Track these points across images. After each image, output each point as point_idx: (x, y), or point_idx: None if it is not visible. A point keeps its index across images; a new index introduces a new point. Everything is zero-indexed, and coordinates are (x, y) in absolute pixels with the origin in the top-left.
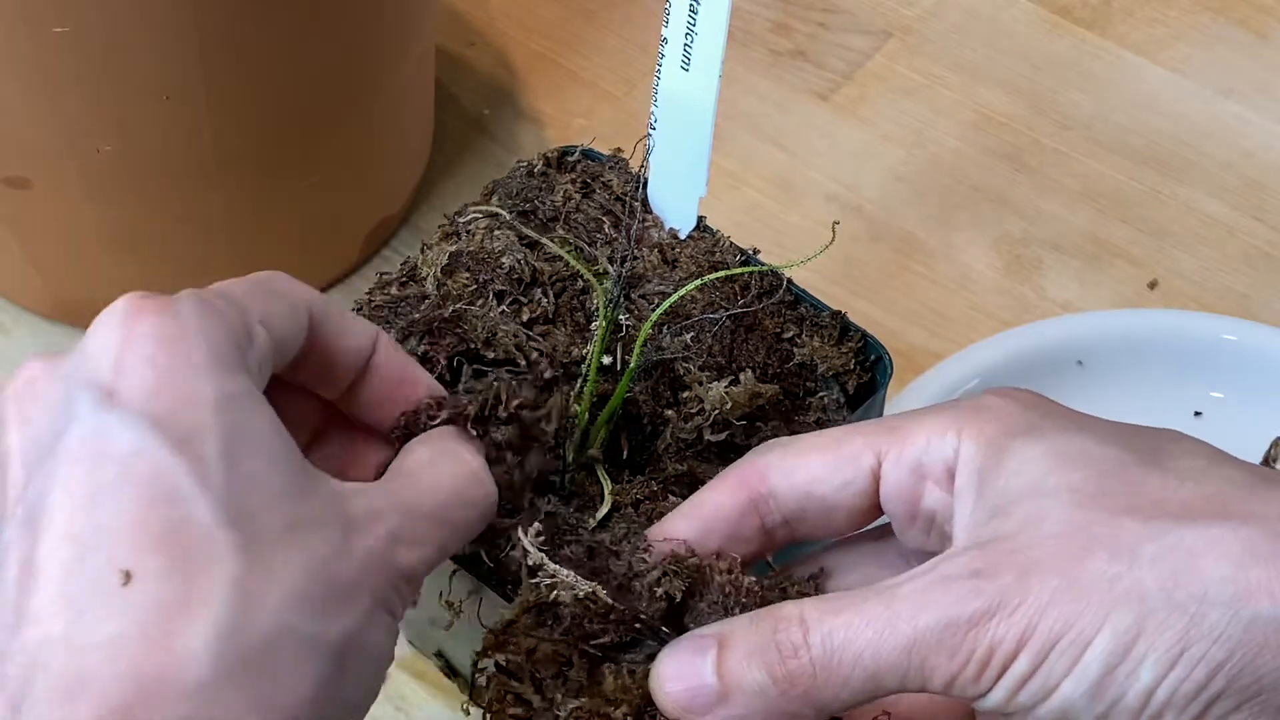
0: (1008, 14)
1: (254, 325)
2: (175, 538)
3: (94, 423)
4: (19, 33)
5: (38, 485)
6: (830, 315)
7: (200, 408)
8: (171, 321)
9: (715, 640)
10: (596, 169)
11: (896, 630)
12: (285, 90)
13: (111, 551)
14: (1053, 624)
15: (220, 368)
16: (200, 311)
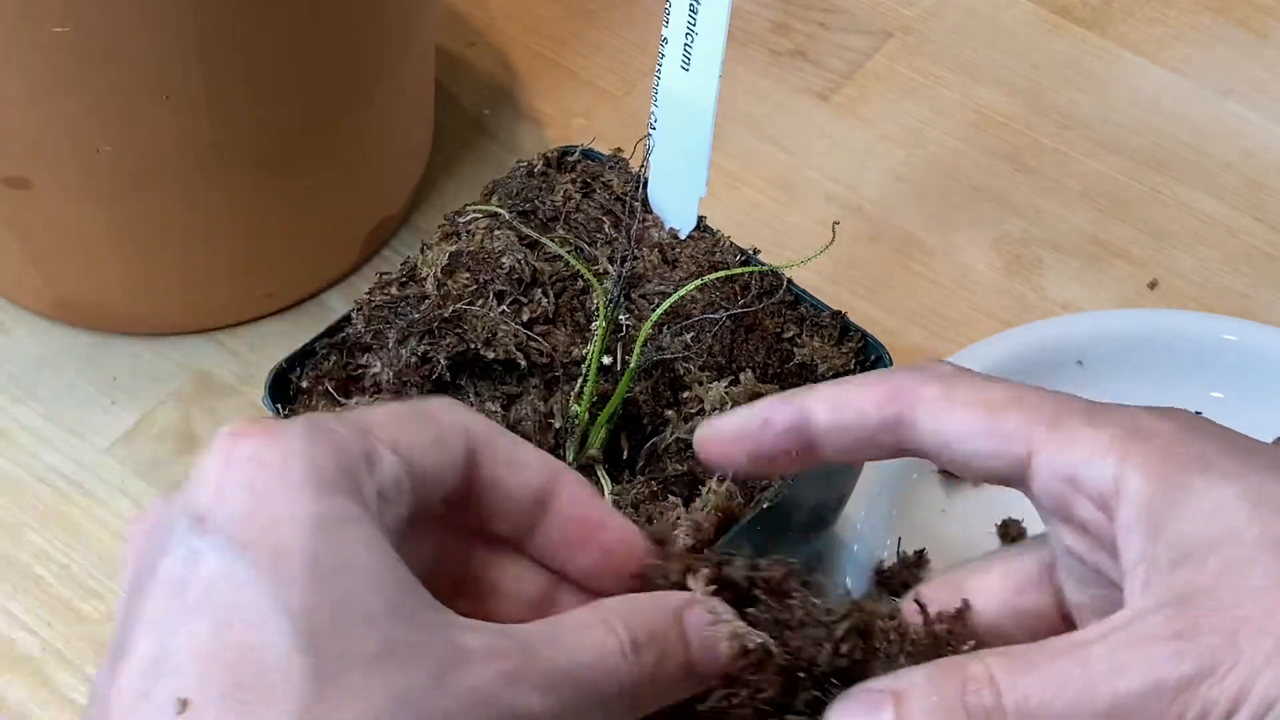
0: (1008, 14)
1: (377, 450)
2: (244, 663)
3: (185, 549)
4: (19, 33)
5: (130, 616)
6: (830, 315)
7: (291, 529)
8: (273, 444)
9: (891, 697)
10: (596, 169)
11: (1096, 694)
12: (285, 90)
13: (177, 679)
14: (1267, 687)
15: (320, 490)
16: (307, 434)
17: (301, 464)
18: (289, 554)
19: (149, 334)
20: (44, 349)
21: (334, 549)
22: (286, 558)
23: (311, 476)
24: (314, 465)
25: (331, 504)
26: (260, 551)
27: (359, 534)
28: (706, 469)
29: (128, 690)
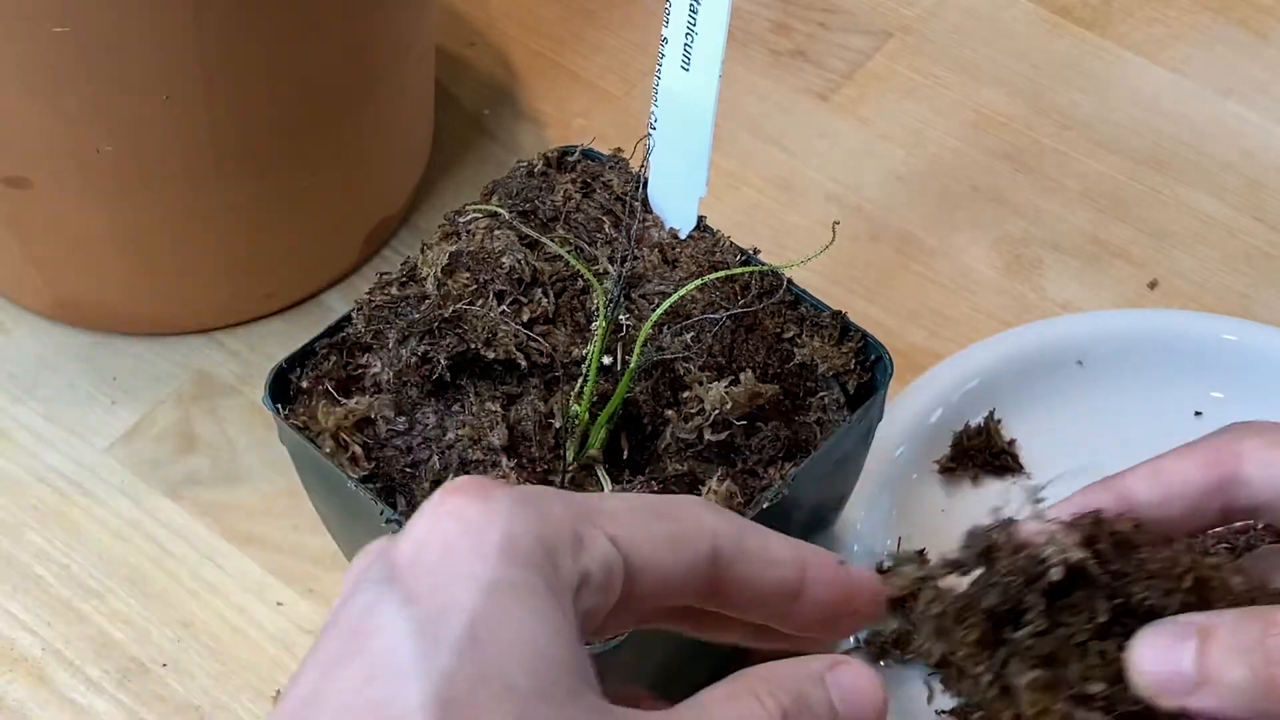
0: (1008, 14)
1: (592, 535)
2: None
3: (371, 595)
4: (19, 33)
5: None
6: (830, 315)
7: (463, 589)
8: (477, 505)
9: (1197, 630)
10: (596, 169)
11: None
12: (285, 90)
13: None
14: None
15: (507, 557)
16: (516, 501)
17: (500, 528)
18: (451, 613)
19: (149, 334)
20: (44, 349)
21: (498, 615)
22: (447, 616)
23: (506, 543)
24: (512, 532)
25: (513, 572)
26: (424, 607)
27: (532, 604)
28: (707, 471)
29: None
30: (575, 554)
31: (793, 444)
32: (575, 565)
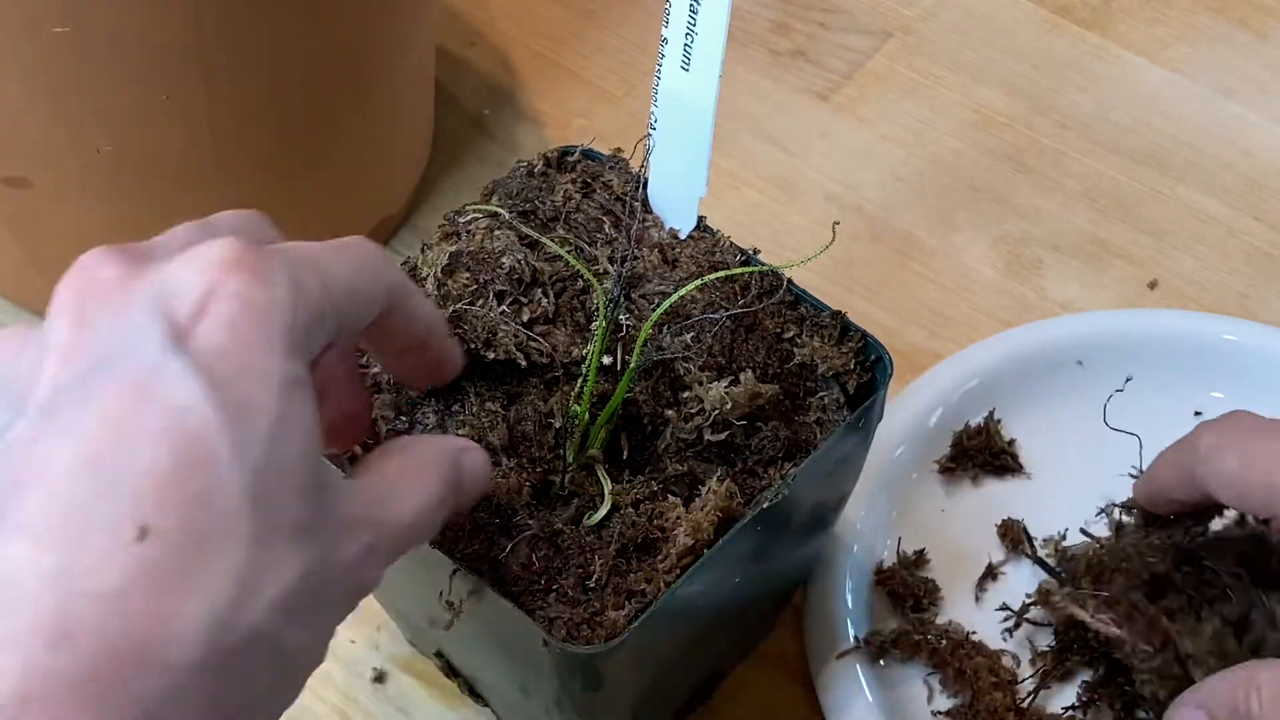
0: (1008, 14)
1: (329, 310)
2: (199, 509)
3: (155, 359)
4: (19, 33)
5: (73, 394)
6: (830, 315)
7: (261, 385)
8: (262, 288)
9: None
10: (596, 169)
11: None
12: (285, 90)
13: (134, 501)
14: None
15: (292, 350)
16: (292, 287)
17: (282, 318)
18: (256, 409)
19: None
20: None
21: (289, 415)
22: (253, 413)
23: (287, 334)
24: (293, 322)
25: (297, 366)
26: (230, 398)
27: (307, 400)
28: (707, 471)
29: (69, 482)
30: (321, 330)
31: (793, 444)
32: (319, 341)
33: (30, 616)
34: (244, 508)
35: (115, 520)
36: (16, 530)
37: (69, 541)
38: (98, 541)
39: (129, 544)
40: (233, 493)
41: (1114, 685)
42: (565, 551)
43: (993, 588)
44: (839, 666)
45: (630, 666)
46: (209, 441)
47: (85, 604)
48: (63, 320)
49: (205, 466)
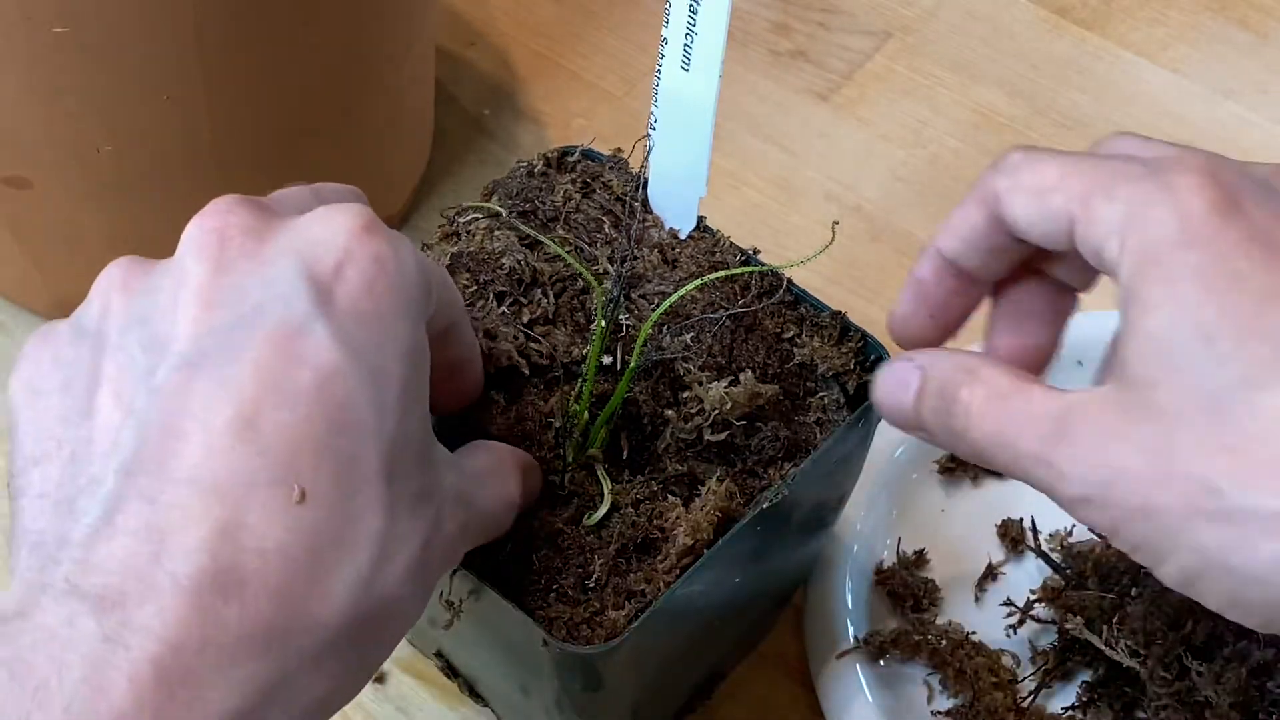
0: (1007, 14)
1: (434, 287)
2: (348, 474)
3: (303, 317)
4: (19, 33)
5: (221, 343)
6: (830, 315)
7: (394, 352)
8: (394, 256)
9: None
10: (596, 169)
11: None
12: (285, 90)
13: (293, 461)
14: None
15: (417, 317)
16: (417, 257)
17: (414, 284)
18: (390, 377)
19: None
20: None
21: (414, 382)
22: (387, 380)
23: (416, 302)
24: (419, 290)
25: (420, 336)
26: (369, 364)
27: (426, 370)
28: (707, 471)
29: (226, 435)
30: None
31: (792, 444)
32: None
33: (203, 563)
34: (381, 476)
35: (278, 479)
36: (182, 480)
37: (236, 496)
38: (262, 498)
39: (291, 505)
40: (373, 459)
41: (1114, 685)
42: (565, 551)
43: (993, 588)
44: (839, 666)
45: (630, 666)
46: (355, 408)
47: (255, 559)
48: (201, 262)
49: (352, 433)
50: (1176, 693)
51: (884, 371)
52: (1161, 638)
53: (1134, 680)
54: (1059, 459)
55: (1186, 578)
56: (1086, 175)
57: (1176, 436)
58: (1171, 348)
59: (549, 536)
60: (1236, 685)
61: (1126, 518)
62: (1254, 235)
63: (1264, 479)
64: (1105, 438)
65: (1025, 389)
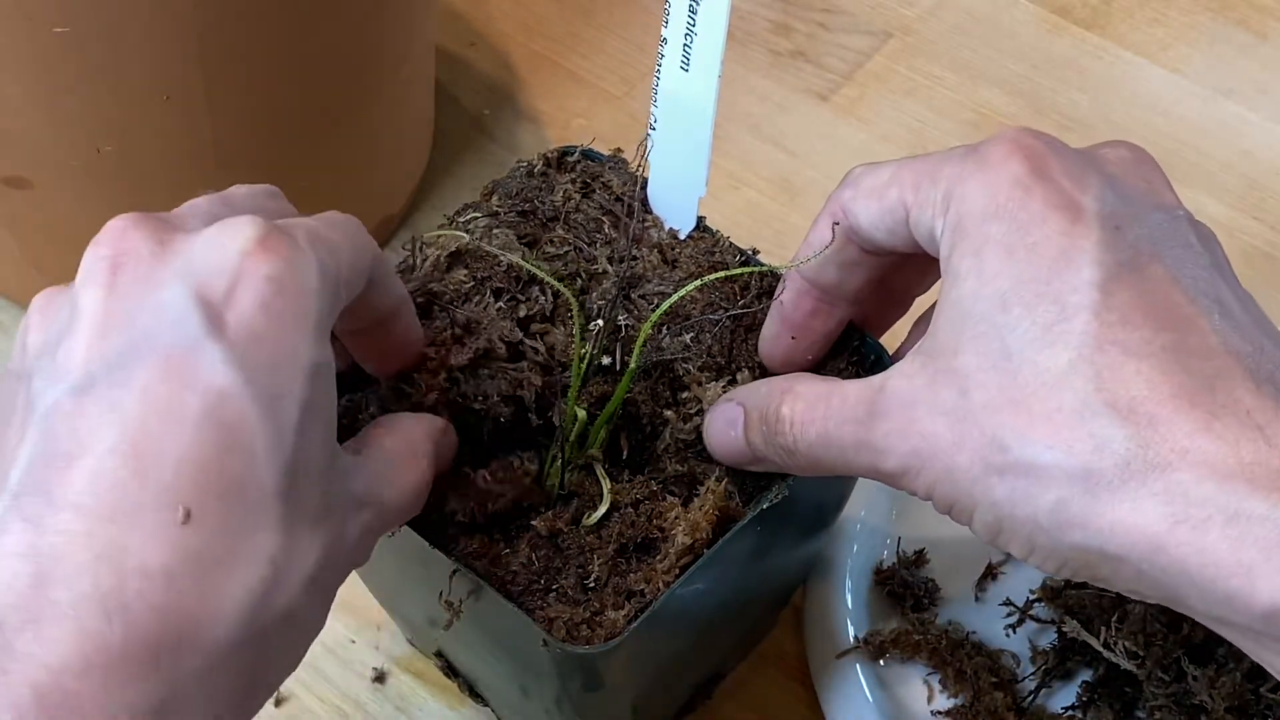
0: (1007, 14)
1: (342, 286)
2: (237, 495)
3: (193, 341)
4: (19, 33)
5: (111, 369)
6: None
7: (293, 372)
8: (292, 273)
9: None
10: (596, 169)
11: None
12: (285, 90)
13: (177, 483)
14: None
15: (319, 335)
16: (320, 271)
17: (313, 295)
18: (287, 397)
19: None
20: None
21: (315, 400)
22: (285, 400)
23: (318, 318)
24: (320, 307)
25: (323, 351)
26: (264, 386)
27: (329, 384)
28: (706, 471)
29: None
30: (337, 309)
31: None
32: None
33: (85, 588)
34: (276, 495)
35: (161, 502)
36: (66, 505)
37: (119, 519)
38: (146, 521)
39: (175, 526)
40: (266, 480)
41: (1114, 685)
42: (565, 551)
43: (993, 588)
44: (839, 666)
45: (630, 666)
46: (246, 430)
47: (137, 580)
48: (95, 288)
49: (242, 454)
50: (1174, 694)
51: (710, 417)
52: (1160, 639)
53: (1134, 680)
54: (875, 437)
55: (990, 532)
56: (916, 166)
57: (972, 397)
58: (973, 315)
59: (548, 536)
60: (1232, 689)
61: (936, 480)
62: (1056, 202)
63: (1043, 432)
64: (912, 407)
65: (839, 387)
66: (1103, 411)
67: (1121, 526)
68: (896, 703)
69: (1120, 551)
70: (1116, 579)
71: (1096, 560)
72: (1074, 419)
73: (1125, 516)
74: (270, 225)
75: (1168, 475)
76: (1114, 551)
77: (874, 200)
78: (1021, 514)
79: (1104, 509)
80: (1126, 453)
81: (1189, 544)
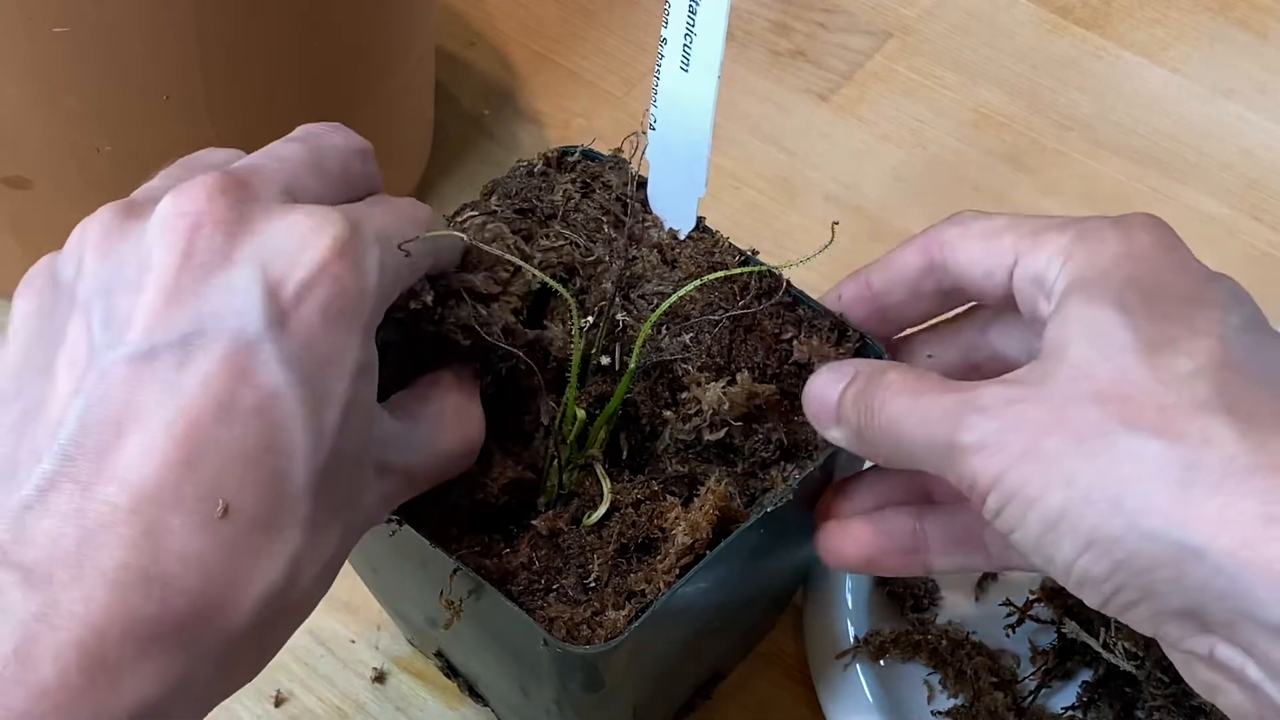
0: (1007, 14)
1: (401, 285)
2: (273, 492)
3: (256, 337)
4: (19, 33)
5: (174, 349)
6: (828, 317)
7: (339, 374)
8: (356, 278)
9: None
10: (596, 169)
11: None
12: (285, 90)
13: (220, 477)
14: (1014, 479)
15: (368, 336)
16: (380, 273)
17: (368, 306)
18: (331, 399)
19: None
20: None
21: (357, 402)
22: (328, 402)
23: (369, 321)
24: (374, 309)
25: (369, 352)
26: (312, 388)
27: (372, 382)
28: (706, 471)
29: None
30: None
31: (792, 444)
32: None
33: (125, 558)
34: (308, 493)
35: (204, 492)
36: (114, 478)
37: (164, 503)
38: (187, 508)
39: (214, 519)
40: (301, 480)
41: (1114, 685)
42: (565, 551)
43: (993, 588)
44: (839, 666)
45: (630, 666)
46: (290, 431)
47: (175, 563)
48: (169, 251)
49: (284, 454)
50: (1172, 695)
51: (821, 369)
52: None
53: (1134, 680)
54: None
55: (1047, 522)
56: (1038, 219)
57: (1079, 385)
58: (1087, 318)
59: (549, 536)
60: None
61: (1011, 465)
62: (1192, 266)
63: (1153, 422)
64: (1013, 388)
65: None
66: (1220, 412)
67: (1211, 519)
68: (896, 703)
69: (1201, 544)
70: (1175, 585)
71: (1167, 555)
72: (1188, 413)
73: (1217, 511)
74: (349, 225)
75: (1272, 478)
76: (1193, 544)
77: (984, 240)
78: (1099, 496)
79: (1197, 499)
80: (1235, 451)
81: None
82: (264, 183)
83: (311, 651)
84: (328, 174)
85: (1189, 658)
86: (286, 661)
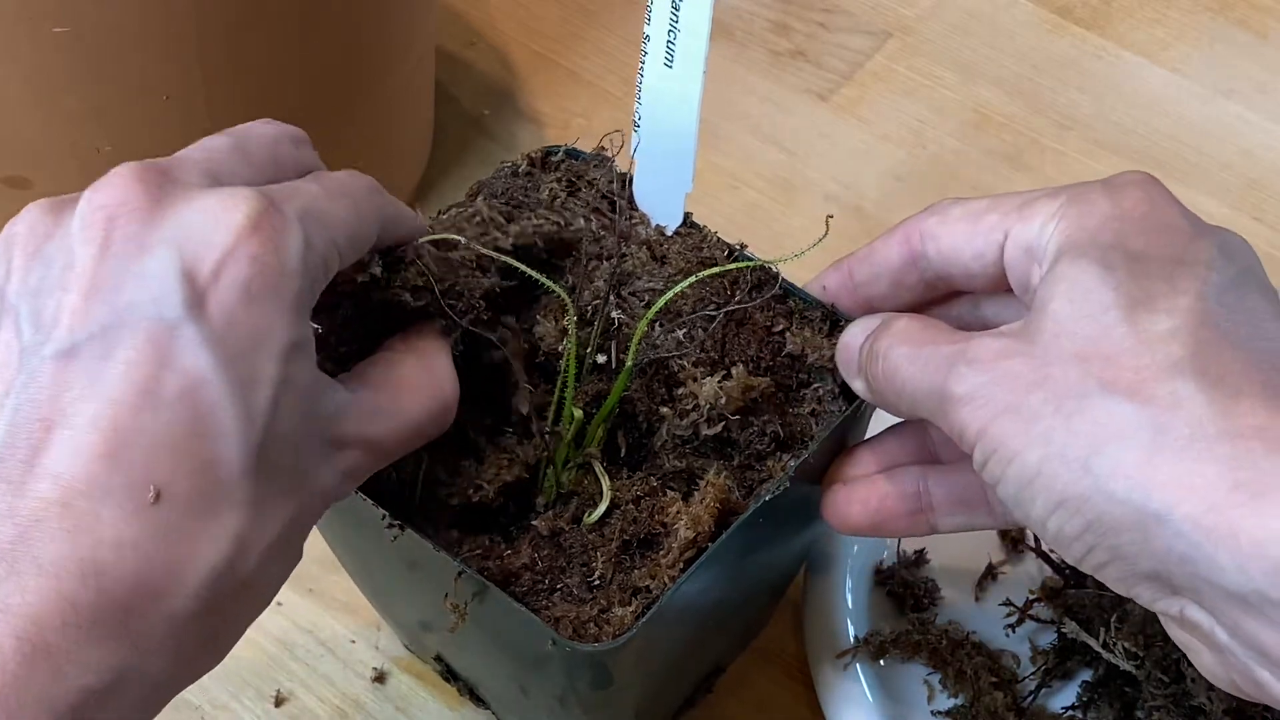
0: (1007, 14)
1: (333, 261)
2: (206, 475)
3: (175, 322)
4: (19, 33)
5: (95, 341)
6: (819, 308)
7: (268, 354)
8: (277, 254)
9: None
10: (581, 168)
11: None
12: (285, 90)
13: (150, 464)
14: (996, 433)
15: (298, 314)
16: (304, 253)
17: (292, 283)
18: (261, 381)
19: None
20: None
21: (290, 381)
22: (258, 384)
23: (296, 301)
24: (301, 289)
25: (301, 330)
26: (239, 371)
27: (307, 363)
28: (704, 466)
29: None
30: (324, 280)
31: (788, 436)
32: (321, 288)
33: (65, 550)
34: (244, 474)
35: (133, 480)
36: (45, 474)
37: (94, 494)
38: (118, 497)
39: (147, 505)
40: (235, 462)
41: (1114, 685)
42: (567, 550)
43: (993, 588)
44: (839, 666)
45: (638, 662)
46: (218, 414)
47: (109, 551)
48: (87, 245)
49: (213, 437)
50: (1172, 695)
51: (854, 322)
52: (1160, 640)
53: (1134, 680)
54: (960, 362)
55: (1023, 480)
56: (1021, 194)
57: (1061, 343)
58: (1071, 275)
59: (550, 536)
60: None
61: (995, 417)
62: (1183, 224)
63: (1127, 383)
64: (999, 350)
65: (946, 328)
66: (1191, 376)
67: (1175, 484)
68: (896, 703)
69: (1163, 510)
70: (1141, 548)
71: (1129, 519)
72: (1161, 374)
73: (1183, 475)
74: (265, 202)
75: (1238, 443)
76: (1156, 509)
77: (966, 223)
78: (1072, 455)
79: (1162, 463)
80: (1203, 415)
81: (1244, 507)
82: (184, 170)
83: (311, 651)
84: (253, 159)
85: (1165, 617)
86: (286, 661)
